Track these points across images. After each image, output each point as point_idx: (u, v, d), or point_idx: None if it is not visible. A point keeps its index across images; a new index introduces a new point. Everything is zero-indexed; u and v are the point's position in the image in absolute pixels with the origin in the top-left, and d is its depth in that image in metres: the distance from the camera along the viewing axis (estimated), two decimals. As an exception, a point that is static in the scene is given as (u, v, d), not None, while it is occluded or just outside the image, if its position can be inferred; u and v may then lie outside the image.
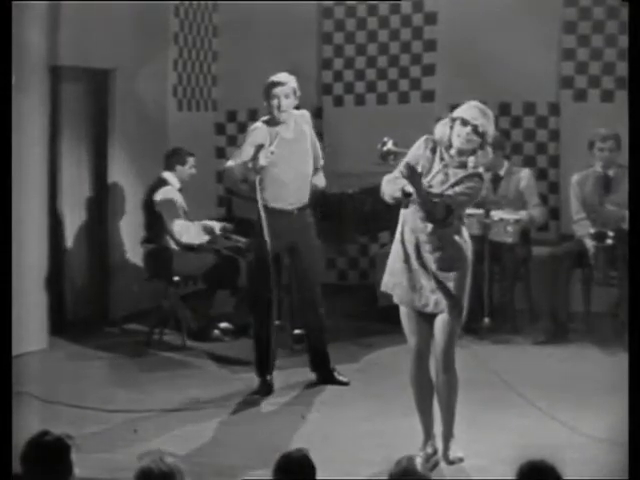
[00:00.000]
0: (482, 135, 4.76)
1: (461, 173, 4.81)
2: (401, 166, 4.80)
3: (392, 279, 4.99)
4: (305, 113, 6.41)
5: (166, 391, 6.35)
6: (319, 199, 6.58)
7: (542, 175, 8.56)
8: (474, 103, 4.86)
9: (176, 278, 7.50)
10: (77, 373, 6.82)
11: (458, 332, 4.93)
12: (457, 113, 4.81)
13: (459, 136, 4.76)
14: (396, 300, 5.00)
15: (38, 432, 3.50)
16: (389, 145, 7.09)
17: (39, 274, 7.33)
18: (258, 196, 6.08)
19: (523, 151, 8.62)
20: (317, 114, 9.04)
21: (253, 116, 8.88)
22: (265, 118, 6.30)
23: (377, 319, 7.56)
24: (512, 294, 7.45)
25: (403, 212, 4.93)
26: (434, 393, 5.01)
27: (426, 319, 4.93)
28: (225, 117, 9.33)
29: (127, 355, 7.23)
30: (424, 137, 4.93)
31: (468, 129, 4.74)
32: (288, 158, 6.19)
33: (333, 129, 9.01)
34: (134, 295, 8.00)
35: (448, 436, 5.04)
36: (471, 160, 4.82)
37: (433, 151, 4.88)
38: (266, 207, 6.17)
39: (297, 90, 6.23)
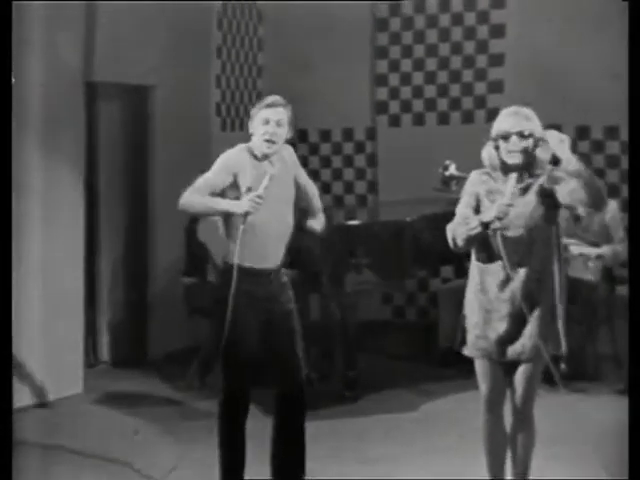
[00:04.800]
0: (530, 136, 4.40)
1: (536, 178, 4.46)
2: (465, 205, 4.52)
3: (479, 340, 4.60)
4: (287, 147, 5.08)
5: (209, 443, 5.73)
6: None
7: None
8: (505, 112, 4.52)
9: (220, 315, 7.11)
10: (112, 423, 6.45)
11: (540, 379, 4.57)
12: (495, 131, 4.45)
13: (509, 152, 4.40)
14: (478, 355, 4.57)
15: None
16: (451, 169, 6.84)
17: (75, 310, 7.01)
18: (236, 254, 4.82)
19: (606, 179, 8.03)
20: (370, 135, 8.87)
21: (304, 137, 8.74)
22: (247, 145, 4.98)
23: (437, 362, 7.22)
24: (593, 338, 6.99)
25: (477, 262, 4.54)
26: (507, 448, 4.62)
27: (501, 364, 4.54)
28: (272, 137, 8.97)
29: (166, 402, 6.90)
30: (473, 173, 4.58)
31: (514, 139, 4.38)
32: (268, 202, 4.84)
33: (389, 151, 8.76)
34: (174, 333, 7.73)
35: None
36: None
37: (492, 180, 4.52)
38: (239, 267, 4.85)
39: (294, 120, 4.97)
